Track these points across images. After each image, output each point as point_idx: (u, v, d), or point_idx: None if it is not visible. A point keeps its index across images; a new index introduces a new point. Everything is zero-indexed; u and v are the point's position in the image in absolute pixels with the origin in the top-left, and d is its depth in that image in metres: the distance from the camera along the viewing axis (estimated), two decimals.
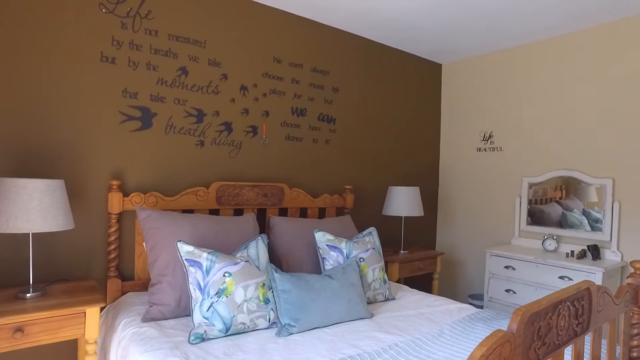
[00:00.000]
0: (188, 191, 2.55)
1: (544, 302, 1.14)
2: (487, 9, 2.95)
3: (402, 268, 3.25)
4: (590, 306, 1.38)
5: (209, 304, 1.87)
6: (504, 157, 3.82)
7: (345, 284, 2.15)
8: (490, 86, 3.92)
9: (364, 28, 3.39)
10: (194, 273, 1.92)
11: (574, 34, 3.35)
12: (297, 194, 3.01)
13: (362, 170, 3.62)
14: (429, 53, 3.99)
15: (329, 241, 2.47)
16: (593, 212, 3.22)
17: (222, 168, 2.81)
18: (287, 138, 3.12)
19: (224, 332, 1.87)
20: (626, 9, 2.90)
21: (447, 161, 4.30)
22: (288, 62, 3.10)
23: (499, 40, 3.58)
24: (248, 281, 1.97)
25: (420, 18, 3.15)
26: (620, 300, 1.62)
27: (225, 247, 2.24)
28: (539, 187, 3.54)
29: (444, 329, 2.02)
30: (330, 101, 3.37)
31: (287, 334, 1.93)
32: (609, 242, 3.13)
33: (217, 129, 2.78)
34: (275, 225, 2.64)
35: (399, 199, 3.33)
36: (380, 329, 2.04)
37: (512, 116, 3.76)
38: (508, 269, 3.28)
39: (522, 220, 3.63)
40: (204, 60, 2.69)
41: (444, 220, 4.32)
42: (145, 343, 1.74)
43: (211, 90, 2.73)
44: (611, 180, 3.13)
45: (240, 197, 2.74)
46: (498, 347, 0.94)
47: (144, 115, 2.48)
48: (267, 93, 3.00)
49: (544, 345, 1.14)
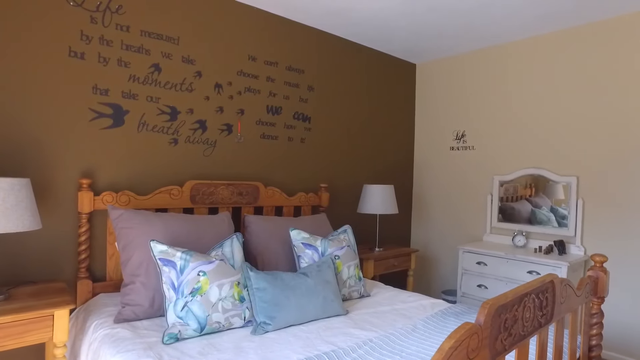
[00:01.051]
0: (161, 190, 2.52)
1: (510, 295, 1.18)
2: (459, 10, 3.02)
3: (377, 265, 3.30)
4: (553, 298, 1.44)
5: (183, 304, 1.86)
6: (476, 156, 3.91)
7: (320, 281, 2.17)
8: (462, 86, 4.01)
9: (339, 27, 3.41)
10: (167, 272, 1.90)
11: (541, 36, 3.46)
12: (273, 193, 3.01)
13: (337, 168, 3.65)
14: (404, 53, 4.05)
15: (304, 239, 2.48)
16: (560, 209, 3.34)
17: (196, 166, 2.78)
18: (262, 136, 3.12)
19: (198, 332, 1.85)
20: (590, 14, 3.02)
21: (421, 159, 4.38)
22: (263, 60, 3.09)
23: (471, 41, 3.67)
24: (223, 280, 1.96)
25: (394, 18, 3.19)
26: (581, 291, 1.70)
27: (200, 246, 2.23)
28: (509, 185, 3.65)
29: (417, 324, 2.06)
30: (306, 100, 3.38)
31: (262, 332, 1.93)
32: (574, 238, 3.26)
33: (191, 127, 2.75)
34: (250, 224, 2.63)
35: (373, 197, 3.38)
36: (355, 325, 2.07)
37: (484, 116, 3.85)
38: (480, 265, 3.37)
39: (494, 218, 3.73)
40: (178, 57, 2.66)
41: (418, 217, 4.40)
42: (118, 344, 1.71)
43: (185, 88, 2.70)
44: (575, 179, 3.25)
45: (215, 196, 2.72)
46: (466, 339, 0.97)
47: (116, 113, 2.43)
48: (242, 91, 2.99)
49: (510, 336, 1.18)
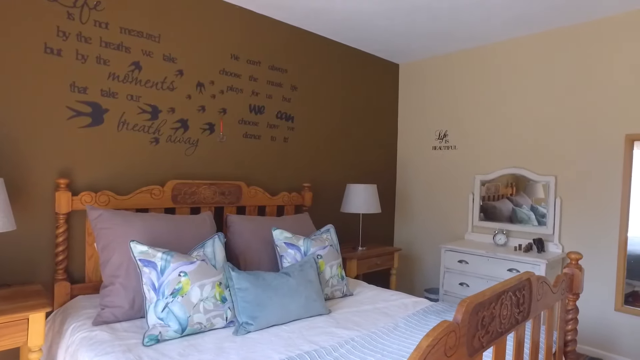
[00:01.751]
0: (142, 190, 2.48)
1: (488, 293, 1.20)
2: (439, 12, 3.05)
3: (360, 264, 3.31)
4: (530, 295, 1.47)
5: (163, 305, 1.84)
6: (458, 156, 3.96)
7: (302, 281, 2.17)
8: (445, 87, 4.06)
9: (322, 27, 3.41)
10: (148, 273, 1.87)
11: (519, 39, 3.52)
12: (255, 192, 3.00)
13: (320, 168, 3.65)
14: (387, 53, 4.07)
15: (286, 239, 2.47)
16: (540, 208, 3.41)
17: (178, 166, 2.75)
18: (244, 136, 3.10)
19: (179, 333, 1.84)
20: (567, 18, 3.08)
21: (404, 159, 4.41)
22: (246, 59, 3.07)
23: (453, 42, 3.71)
24: (204, 280, 1.95)
25: (377, 19, 3.21)
26: (557, 288, 1.73)
27: (181, 246, 2.20)
28: (491, 184, 3.70)
29: (399, 323, 2.08)
30: (289, 99, 3.37)
31: (244, 333, 1.92)
32: (552, 236, 3.33)
33: (173, 126, 2.71)
34: (232, 224, 2.62)
35: (357, 197, 3.39)
36: (337, 324, 2.08)
37: (466, 116, 3.90)
38: (462, 263, 3.41)
39: (475, 216, 3.79)
40: (159, 55, 2.62)
41: (401, 216, 4.44)
42: (96, 347, 1.68)
43: (166, 87, 2.67)
44: (554, 178, 3.32)
45: (197, 196, 2.70)
46: (444, 337, 0.98)
47: (95, 111, 2.39)
48: (225, 90, 2.96)
49: (488, 333, 1.20)
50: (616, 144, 3.04)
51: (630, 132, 2.98)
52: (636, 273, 2.99)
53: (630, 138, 2.96)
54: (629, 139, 2.97)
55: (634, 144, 2.96)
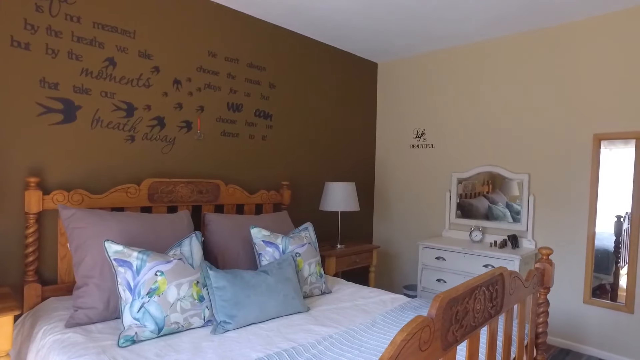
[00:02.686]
0: (117, 188, 2.43)
1: (461, 288, 1.23)
2: (417, 12, 3.09)
3: (339, 262, 3.33)
4: (503, 290, 1.51)
5: (139, 305, 1.81)
6: (435, 154, 4.03)
7: (281, 279, 2.17)
8: (422, 86, 4.11)
9: (301, 25, 3.41)
10: (123, 273, 1.84)
11: (494, 40, 3.60)
12: (234, 191, 2.98)
13: (299, 166, 3.66)
14: (365, 52, 4.10)
15: (264, 237, 2.47)
16: (515, 205, 3.49)
17: (154, 164, 2.71)
18: (222, 134, 3.07)
19: (156, 333, 1.81)
20: (540, 21, 3.16)
21: (383, 157, 4.46)
22: (223, 57, 3.05)
23: (431, 42, 3.76)
24: (181, 279, 1.93)
25: (355, 18, 3.23)
26: (529, 283, 1.79)
27: (158, 245, 2.17)
28: (468, 182, 3.78)
29: (376, 319, 2.11)
30: (267, 97, 3.36)
31: (222, 331, 1.91)
32: (526, 232, 3.42)
33: (149, 123, 2.67)
34: (210, 222, 2.59)
35: (335, 195, 3.41)
36: (315, 321, 2.09)
37: (443, 115, 3.97)
38: (439, 260, 3.47)
39: (452, 214, 3.86)
40: (134, 51, 2.57)
41: (380, 214, 4.48)
42: (68, 350, 1.64)
43: (142, 84, 2.62)
44: (527, 176, 3.42)
45: (174, 194, 2.66)
46: (418, 331, 1.00)
47: (67, 108, 2.32)
48: (202, 87, 2.93)
49: (462, 327, 1.23)
50: (585, 143, 3.14)
51: (598, 132, 3.08)
52: (603, 267, 3.11)
53: (598, 137, 3.07)
54: (597, 138, 3.07)
55: (601, 143, 3.07)
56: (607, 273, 3.10)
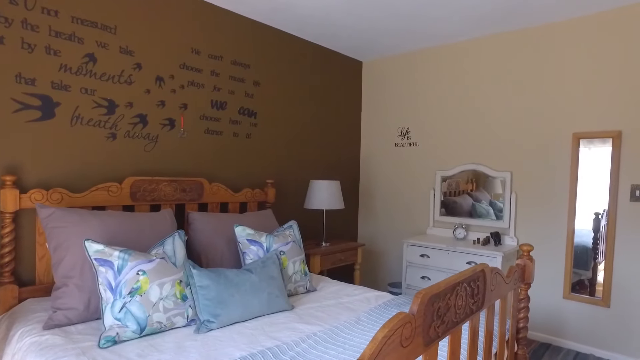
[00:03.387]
0: (99, 187, 2.39)
1: (443, 284, 1.24)
2: (401, 11, 3.10)
3: (324, 260, 3.34)
4: (484, 286, 1.53)
5: (121, 305, 1.78)
6: (420, 152, 4.06)
7: (265, 277, 2.16)
8: (407, 84, 4.14)
9: (285, 22, 3.39)
10: (104, 273, 1.81)
11: (478, 39, 3.64)
12: (218, 189, 2.96)
13: (284, 164, 3.65)
14: (350, 50, 4.10)
15: (249, 235, 2.46)
16: (498, 203, 3.54)
17: (136, 162, 2.67)
18: (206, 131, 3.04)
19: (138, 333, 1.79)
20: (522, 21, 3.21)
21: (368, 155, 4.47)
22: (207, 54, 3.01)
23: (415, 40, 3.79)
24: (164, 279, 1.90)
25: (340, 15, 3.23)
26: (510, 279, 1.82)
27: (140, 244, 2.15)
28: (452, 180, 3.81)
29: (361, 317, 2.11)
30: (252, 95, 3.34)
31: (206, 331, 1.90)
32: (508, 229, 3.48)
33: (131, 121, 2.63)
34: (194, 221, 2.57)
35: (320, 193, 3.41)
36: (300, 320, 2.09)
37: (427, 113, 4.00)
38: (423, 257, 3.50)
39: (436, 211, 3.89)
40: (115, 47, 2.53)
41: (365, 212, 4.50)
42: (46, 352, 1.61)
43: (124, 80, 2.58)
44: (509, 174, 3.47)
45: (157, 193, 2.63)
46: (399, 328, 1.00)
47: (45, 105, 2.27)
48: (185, 85, 2.90)
49: (443, 323, 1.24)
50: (564, 142, 3.20)
51: (577, 131, 3.15)
52: (582, 263, 3.17)
53: (577, 136, 3.13)
54: (576, 137, 3.14)
55: (580, 141, 3.13)
56: (585, 269, 3.17)
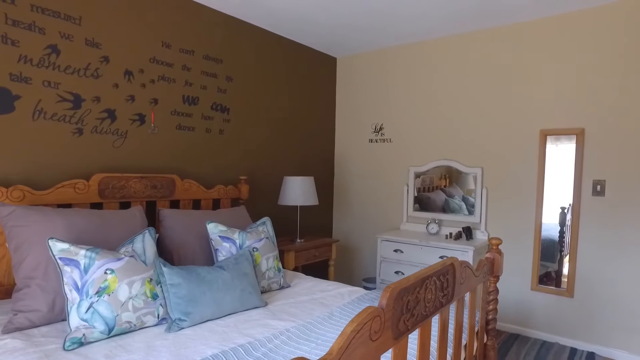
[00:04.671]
0: (64, 184, 2.31)
1: (412, 278, 1.25)
2: (374, 7, 3.12)
3: (298, 256, 3.33)
4: (454, 279, 1.56)
5: (88, 305, 1.73)
6: (393, 148, 4.10)
7: (237, 274, 2.14)
8: (380, 80, 4.17)
9: (258, 17, 3.36)
10: (69, 272, 1.75)
11: (451, 37, 3.70)
12: (190, 185, 2.91)
13: (257, 160, 3.62)
14: (324, 46, 4.10)
15: (221, 232, 2.43)
16: (470, 198, 3.62)
17: (105, 158, 2.59)
18: (178, 127, 2.99)
19: (106, 334, 1.74)
20: (493, 20, 3.27)
21: (342, 151, 4.49)
22: (178, 48, 2.95)
23: (388, 37, 3.81)
24: (133, 277, 1.86)
25: (312, 11, 3.21)
26: (480, 272, 1.86)
27: (109, 243, 2.09)
28: (426, 176, 3.87)
29: (334, 312, 2.12)
30: (224, 90, 3.29)
31: (177, 329, 1.87)
32: (479, 224, 3.56)
33: (99, 116, 2.55)
34: (165, 218, 2.52)
35: (294, 189, 3.40)
36: (273, 316, 2.08)
37: (400, 110, 4.04)
38: (397, 252, 3.55)
39: (410, 207, 3.94)
40: (80, 39, 2.44)
41: (339, 208, 4.51)
42: (5, 358, 1.53)
43: (90, 74, 2.49)
44: (480, 169, 3.54)
45: (127, 190, 2.56)
46: (368, 321, 1.01)
47: (3, 98, 2.17)
48: (156, 79, 2.83)
49: (413, 316, 1.26)
50: (532, 139, 3.30)
51: (544, 128, 3.24)
52: (549, 255, 3.28)
53: (544, 133, 3.23)
54: (543, 134, 3.23)
55: (546, 138, 3.23)
56: (552, 261, 3.27)
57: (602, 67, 3.00)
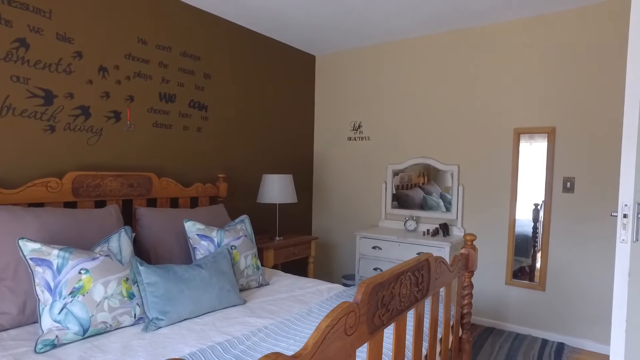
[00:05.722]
0: (36, 182, 2.25)
1: (387, 274, 1.28)
2: (351, 6, 3.13)
3: (277, 254, 3.34)
4: (429, 275, 1.60)
5: (61, 306, 1.70)
6: (372, 146, 4.14)
7: (215, 272, 2.13)
8: (359, 79, 4.19)
9: (235, 14, 3.33)
10: (41, 273, 1.72)
11: (426, 37, 3.75)
12: (167, 184, 2.87)
13: (236, 158, 3.60)
14: (303, 44, 4.10)
15: (199, 230, 2.41)
16: (448, 195, 3.68)
17: (79, 157, 2.54)
18: (155, 125, 2.94)
19: (81, 335, 1.72)
20: (467, 21, 3.34)
21: (321, 149, 4.50)
22: (154, 44, 2.91)
23: (366, 36, 3.84)
24: (109, 277, 1.83)
25: (290, 8, 3.21)
26: (454, 267, 1.90)
27: (84, 242, 2.05)
28: (405, 173, 3.92)
29: (312, 308, 2.14)
30: (202, 88, 3.26)
31: (155, 329, 1.85)
32: (456, 220, 3.63)
33: (72, 113, 2.49)
34: (142, 217, 2.49)
35: (272, 187, 3.40)
36: (252, 314, 2.08)
37: (378, 108, 4.08)
38: (375, 249, 3.59)
39: (388, 204, 3.99)
40: (51, 33, 2.38)
41: (318, 206, 4.53)
42: None
43: (62, 69, 2.43)
44: (457, 167, 3.61)
45: (102, 188, 2.52)
46: (343, 317, 1.03)
47: None
48: (131, 76, 2.78)
49: (388, 311, 1.28)
50: (507, 137, 3.38)
51: (518, 127, 3.33)
52: (523, 251, 3.38)
53: (517, 132, 3.31)
54: (517, 132, 3.32)
55: (520, 137, 3.32)
56: (526, 256, 3.37)
57: (570, 68, 3.10)
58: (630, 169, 1.40)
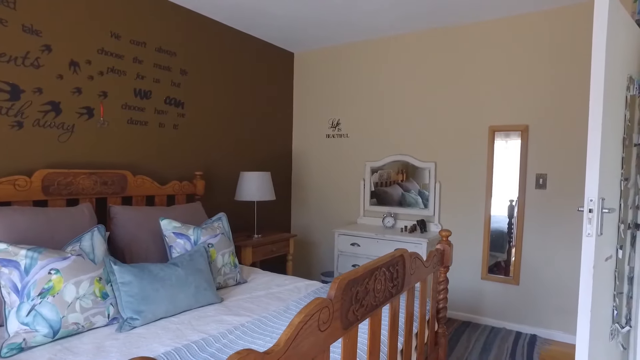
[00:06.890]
0: (2, 180, 2.17)
1: (361, 270, 1.29)
2: (331, 2, 3.13)
3: (256, 252, 3.32)
4: (404, 270, 1.62)
5: (29, 308, 1.65)
6: (350, 143, 4.15)
7: (192, 270, 2.11)
8: (337, 76, 4.20)
9: (213, 10, 3.29)
10: (7, 274, 1.67)
11: (404, 35, 3.78)
12: (143, 181, 2.82)
13: (214, 156, 3.56)
14: (281, 41, 4.08)
15: (175, 228, 2.38)
16: (425, 192, 3.73)
17: (49, 154, 2.47)
18: (129, 122, 2.89)
19: (50, 337, 1.67)
20: (445, 20, 3.38)
21: (299, 147, 4.50)
22: (129, 39, 2.85)
23: (345, 33, 3.85)
24: (81, 277, 1.79)
25: (270, 5, 3.19)
26: (430, 263, 1.93)
27: (55, 242, 2.00)
28: (384, 171, 3.95)
29: (290, 305, 2.14)
30: (178, 84, 3.21)
31: (129, 329, 1.82)
32: (433, 217, 3.68)
33: (41, 109, 2.42)
34: (116, 215, 2.44)
35: (250, 184, 3.38)
36: (229, 312, 2.07)
37: (356, 105, 4.10)
38: (354, 246, 3.61)
39: (366, 201, 4.02)
40: (16, 25, 2.29)
41: (297, 203, 4.53)
42: None
43: (29, 63, 2.36)
44: (434, 164, 3.66)
45: (75, 186, 2.45)
46: (316, 312, 1.03)
47: None
48: (104, 71, 2.72)
49: (362, 307, 1.29)
50: (482, 134, 3.44)
51: (493, 124, 3.39)
52: (498, 246, 3.45)
53: (492, 129, 3.38)
54: (492, 130, 3.38)
55: (495, 134, 3.38)
56: (502, 252, 3.44)
57: (542, 68, 3.18)
58: (594, 166, 1.44)
